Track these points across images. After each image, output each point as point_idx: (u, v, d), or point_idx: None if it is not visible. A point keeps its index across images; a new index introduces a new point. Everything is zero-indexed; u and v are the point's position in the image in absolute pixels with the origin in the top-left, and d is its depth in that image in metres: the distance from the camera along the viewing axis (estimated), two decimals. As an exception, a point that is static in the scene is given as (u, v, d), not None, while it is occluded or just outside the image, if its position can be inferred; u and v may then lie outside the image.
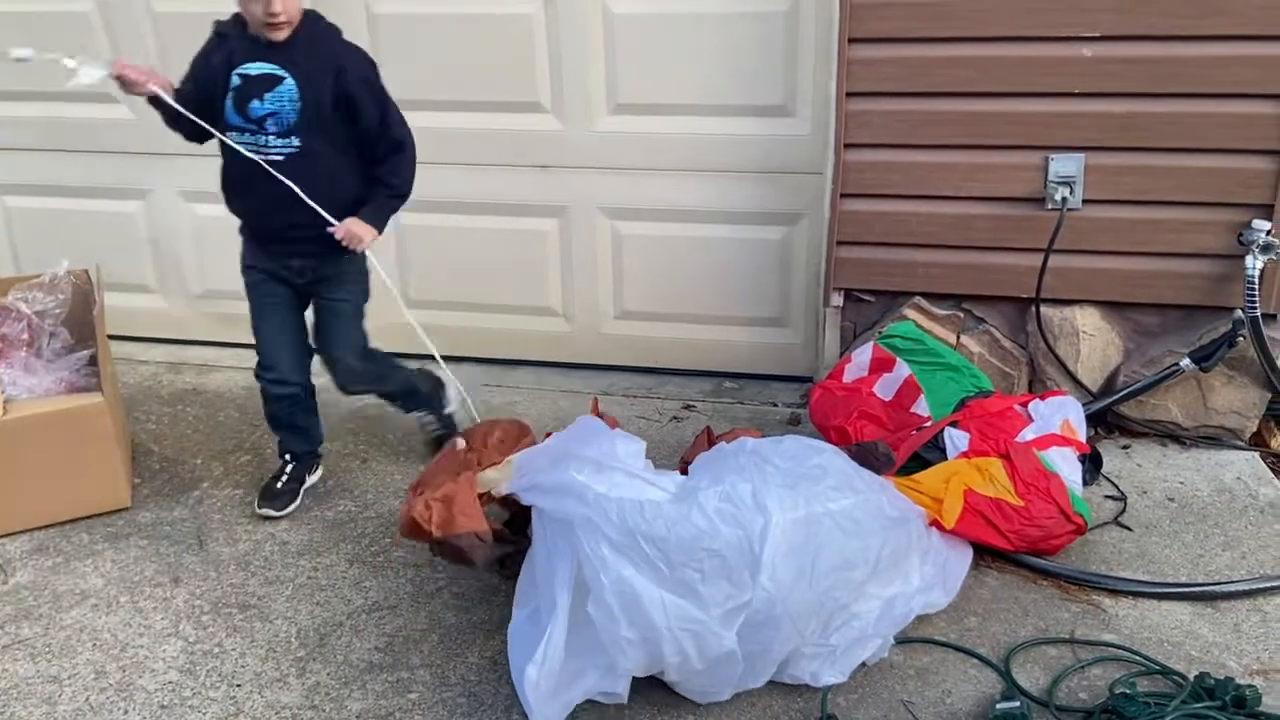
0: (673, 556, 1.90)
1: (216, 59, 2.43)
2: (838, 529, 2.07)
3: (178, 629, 2.27)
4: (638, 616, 1.87)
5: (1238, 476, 2.82)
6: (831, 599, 2.07)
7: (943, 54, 2.76)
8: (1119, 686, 2.03)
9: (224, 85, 2.42)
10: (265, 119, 2.42)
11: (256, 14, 2.32)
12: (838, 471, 2.17)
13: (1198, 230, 2.78)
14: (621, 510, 1.93)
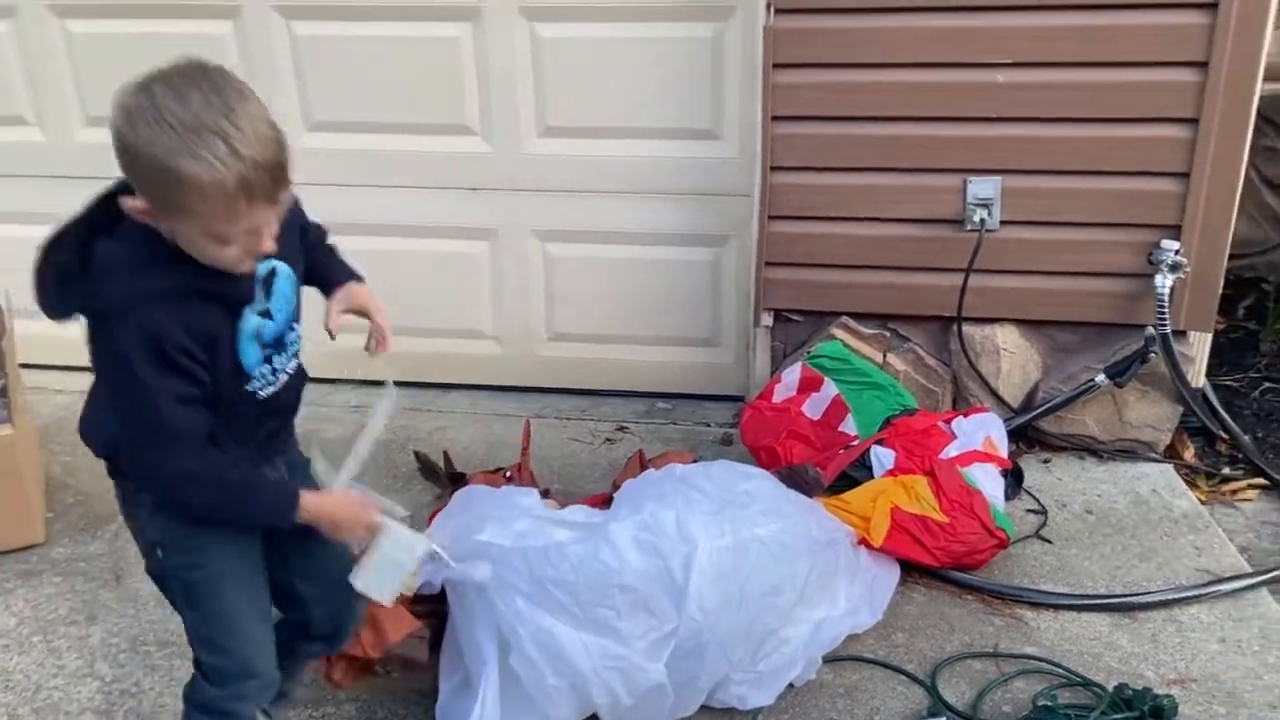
0: (584, 597, 1.89)
1: (204, 324, 1.48)
2: (766, 554, 2.08)
3: (93, 669, 2.20)
4: (561, 663, 1.86)
5: (1153, 489, 2.91)
6: (760, 625, 2.08)
7: (863, 79, 2.81)
8: (1041, 699, 2.07)
9: (231, 342, 1.53)
10: (283, 330, 1.67)
11: (233, 256, 1.42)
12: (765, 496, 2.18)
13: (1110, 250, 2.87)
14: (527, 559, 1.92)
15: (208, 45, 3.21)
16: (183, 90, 1.31)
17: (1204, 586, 2.43)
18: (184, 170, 1.28)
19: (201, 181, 1.29)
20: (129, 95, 1.32)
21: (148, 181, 1.33)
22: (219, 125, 1.29)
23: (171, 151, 1.27)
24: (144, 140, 1.29)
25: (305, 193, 3.38)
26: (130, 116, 1.30)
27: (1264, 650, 2.24)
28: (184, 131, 1.28)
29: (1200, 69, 2.63)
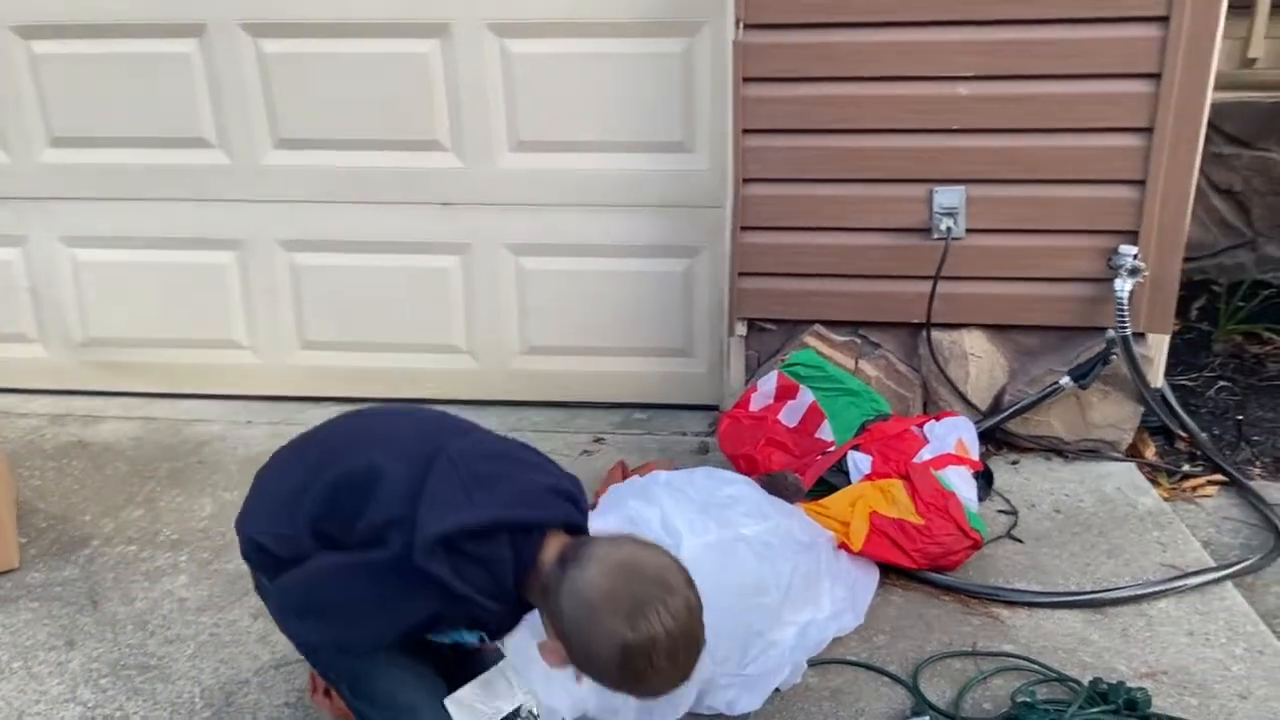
0: None
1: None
2: (751, 553, 2.12)
3: (75, 694, 2.17)
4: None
5: (1117, 487, 2.99)
6: (744, 625, 2.11)
7: (831, 93, 2.87)
8: (1019, 695, 2.12)
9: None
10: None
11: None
12: (748, 499, 2.22)
13: (1071, 256, 2.95)
14: None
15: (173, 64, 3.21)
16: (675, 659, 1.39)
17: (1171, 581, 2.50)
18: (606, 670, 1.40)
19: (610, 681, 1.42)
20: (645, 629, 1.35)
21: (596, 662, 1.40)
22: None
23: (621, 659, 1.37)
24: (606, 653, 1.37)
25: (275, 210, 3.45)
26: (634, 652, 1.35)
27: (1231, 642, 2.32)
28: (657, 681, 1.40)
29: (1153, 80, 2.72)
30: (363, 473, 1.47)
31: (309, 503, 1.50)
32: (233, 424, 3.40)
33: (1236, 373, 3.75)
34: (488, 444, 1.58)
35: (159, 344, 3.52)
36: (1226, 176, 4.19)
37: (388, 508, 1.42)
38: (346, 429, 1.68)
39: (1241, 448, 3.29)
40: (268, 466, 1.71)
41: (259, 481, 1.69)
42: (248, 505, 1.66)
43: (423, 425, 1.64)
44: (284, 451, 1.72)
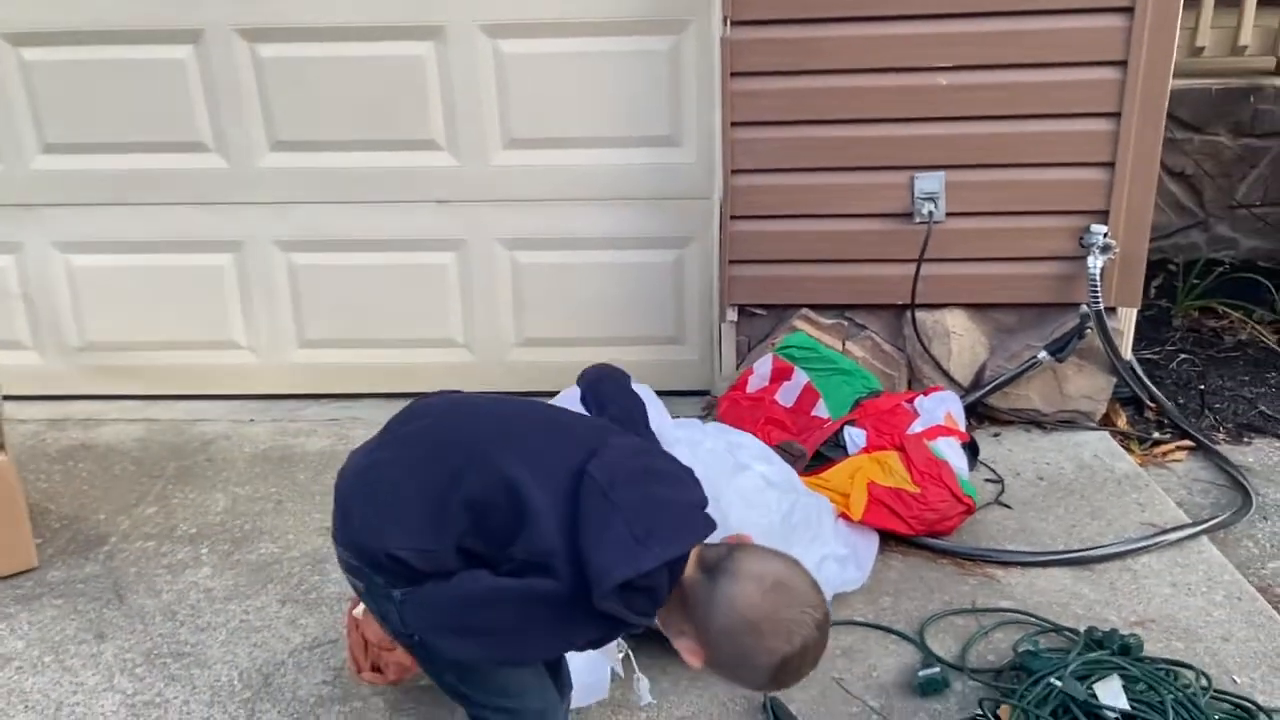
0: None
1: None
2: (760, 480, 2.26)
3: (112, 683, 2.22)
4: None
5: (1095, 454, 3.15)
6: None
7: (816, 85, 3.00)
8: (1022, 645, 2.26)
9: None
10: None
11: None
12: (754, 445, 2.36)
13: (1045, 236, 3.11)
14: None
15: (169, 70, 3.25)
16: (815, 661, 1.48)
17: (1152, 538, 2.66)
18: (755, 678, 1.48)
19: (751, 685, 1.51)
20: (800, 643, 1.43)
21: (746, 670, 1.46)
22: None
23: (775, 669, 1.44)
24: (764, 664, 1.43)
25: (272, 212, 3.50)
26: (789, 663, 1.43)
27: (1211, 590, 2.48)
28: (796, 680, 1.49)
29: (1120, 67, 2.89)
30: (503, 493, 1.47)
31: (451, 520, 1.49)
32: (236, 423, 3.44)
33: (1196, 346, 3.96)
34: (625, 459, 1.55)
35: (157, 346, 3.55)
36: (1179, 160, 4.40)
37: (545, 539, 1.44)
38: (454, 429, 1.63)
39: (1205, 415, 3.48)
40: (366, 471, 1.61)
41: (365, 487, 1.58)
42: (364, 515, 1.56)
43: (539, 425, 1.62)
44: (382, 454, 1.62)
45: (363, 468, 1.61)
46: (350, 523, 1.58)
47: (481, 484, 1.49)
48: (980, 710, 2.06)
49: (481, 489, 1.49)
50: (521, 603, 1.46)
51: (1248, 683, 2.15)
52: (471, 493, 1.49)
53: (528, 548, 1.45)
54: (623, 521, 1.43)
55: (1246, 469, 3.10)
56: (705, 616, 1.44)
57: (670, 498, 1.53)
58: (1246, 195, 4.45)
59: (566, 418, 1.67)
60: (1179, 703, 1.94)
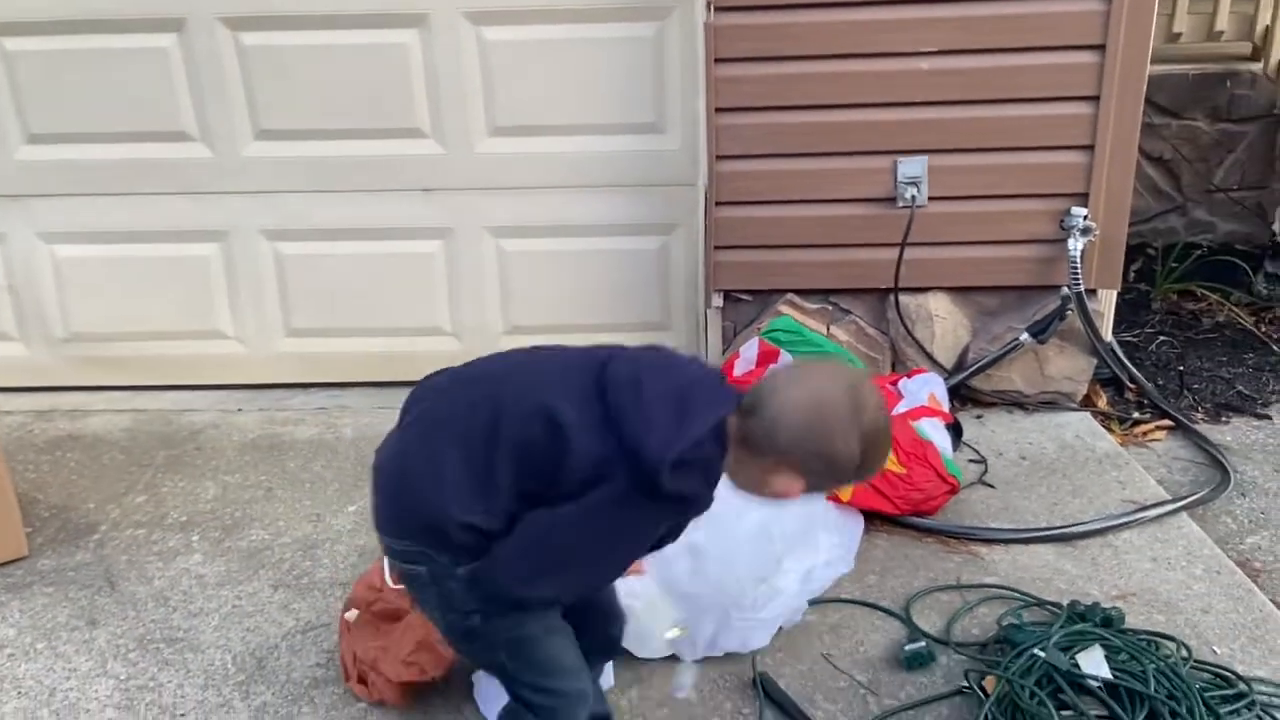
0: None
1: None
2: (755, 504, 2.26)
3: (105, 668, 2.23)
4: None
5: (1076, 434, 3.20)
6: (753, 570, 2.25)
7: (799, 71, 3.03)
8: (1006, 619, 2.30)
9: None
10: None
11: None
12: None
13: (1026, 219, 3.15)
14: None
15: (152, 59, 3.24)
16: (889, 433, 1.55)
17: (1132, 514, 2.70)
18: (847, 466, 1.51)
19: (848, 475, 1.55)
20: (871, 419, 1.49)
21: (838, 464, 1.50)
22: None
23: (862, 443, 1.49)
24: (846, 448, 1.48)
25: (257, 201, 3.50)
26: (871, 439, 1.49)
27: (1190, 564, 2.52)
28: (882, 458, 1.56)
29: (1099, 51, 2.93)
30: (539, 424, 1.48)
31: (503, 471, 1.50)
32: (223, 412, 3.44)
33: (1175, 328, 4.01)
34: (641, 354, 1.59)
35: (144, 337, 3.55)
36: (1157, 145, 4.45)
37: (591, 449, 1.46)
38: (470, 390, 1.62)
39: (1184, 395, 3.53)
40: (406, 456, 1.60)
41: (413, 471, 1.57)
42: (422, 496, 1.54)
43: (545, 359, 1.66)
44: (413, 435, 1.62)
45: (400, 454, 1.61)
46: (405, 510, 1.58)
47: (517, 426, 1.51)
48: (966, 682, 2.09)
49: (519, 430, 1.51)
50: (591, 518, 1.48)
51: (1227, 653, 2.20)
52: (511, 437, 1.51)
53: (578, 465, 1.47)
54: (658, 405, 1.46)
55: (1225, 447, 3.16)
56: (774, 442, 1.48)
57: (695, 376, 1.57)
58: (1224, 179, 4.51)
59: (569, 349, 1.69)
60: (1161, 672, 1.98)
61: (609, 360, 1.55)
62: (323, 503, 2.88)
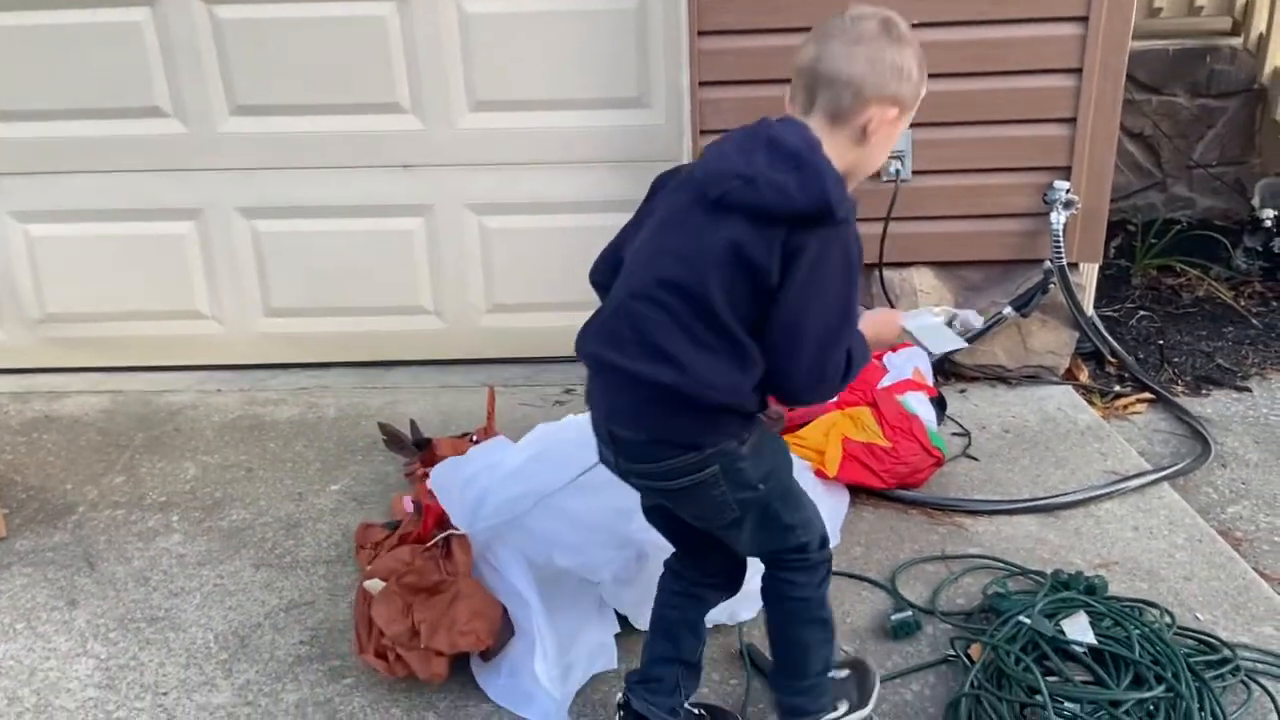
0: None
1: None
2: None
3: (86, 648, 2.20)
4: (593, 531, 2.07)
5: (1058, 407, 3.21)
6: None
7: (783, 44, 2.96)
8: (991, 588, 2.31)
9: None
10: None
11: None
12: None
13: (1009, 193, 3.15)
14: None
15: (124, 33, 3.18)
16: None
17: (1113, 485, 2.72)
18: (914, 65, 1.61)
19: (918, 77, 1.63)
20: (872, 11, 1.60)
21: (889, 76, 1.58)
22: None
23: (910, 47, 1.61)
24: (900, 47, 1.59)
25: (233, 178, 3.45)
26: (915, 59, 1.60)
27: (1172, 533, 2.54)
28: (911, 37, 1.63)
29: (1081, 23, 2.93)
30: (726, 253, 1.51)
31: (738, 329, 1.53)
32: (202, 393, 3.41)
33: (1155, 303, 4.04)
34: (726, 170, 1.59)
35: (121, 318, 3.50)
36: (1137, 121, 4.47)
37: (765, 255, 1.49)
38: (646, 262, 1.61)
39: (1164, 369, 3.55)
40: (634, 378, 1.56)
41: (675, 377, 1.54)
42: (689, 387, 1.54)
43: (673, 224, 1.62)
44: (626, 340, 1.58)
45: (617, 364, 1.58)
46: (667, 415, 1.57)
47: (716, 283, 1.52)
48: (952, 650, 2.10)
49: (722, 282, 1.51)
50: (815, 283, 1.51)
51: (1210, 620, 2.21)
52: (721, 294, 1.51)
53: (775, 260, 1.49)
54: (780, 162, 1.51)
55: (1205, 419, 3.18)
56: (859, 94, 1.57)
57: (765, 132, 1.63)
58: (1203, 155, 4.53)
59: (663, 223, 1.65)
60: (1145, 638, 1.99)
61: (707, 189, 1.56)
62: (305, 482, 2.86)
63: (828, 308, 1.53)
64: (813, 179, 1.48)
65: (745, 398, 1.58)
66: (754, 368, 1.55)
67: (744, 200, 1.50)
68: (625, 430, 1.62)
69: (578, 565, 2.11)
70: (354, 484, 2.83)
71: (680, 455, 1.58)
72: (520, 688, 1.99)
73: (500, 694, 2.01)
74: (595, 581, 2.16)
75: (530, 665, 1.98)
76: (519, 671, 2.00)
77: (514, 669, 2.02)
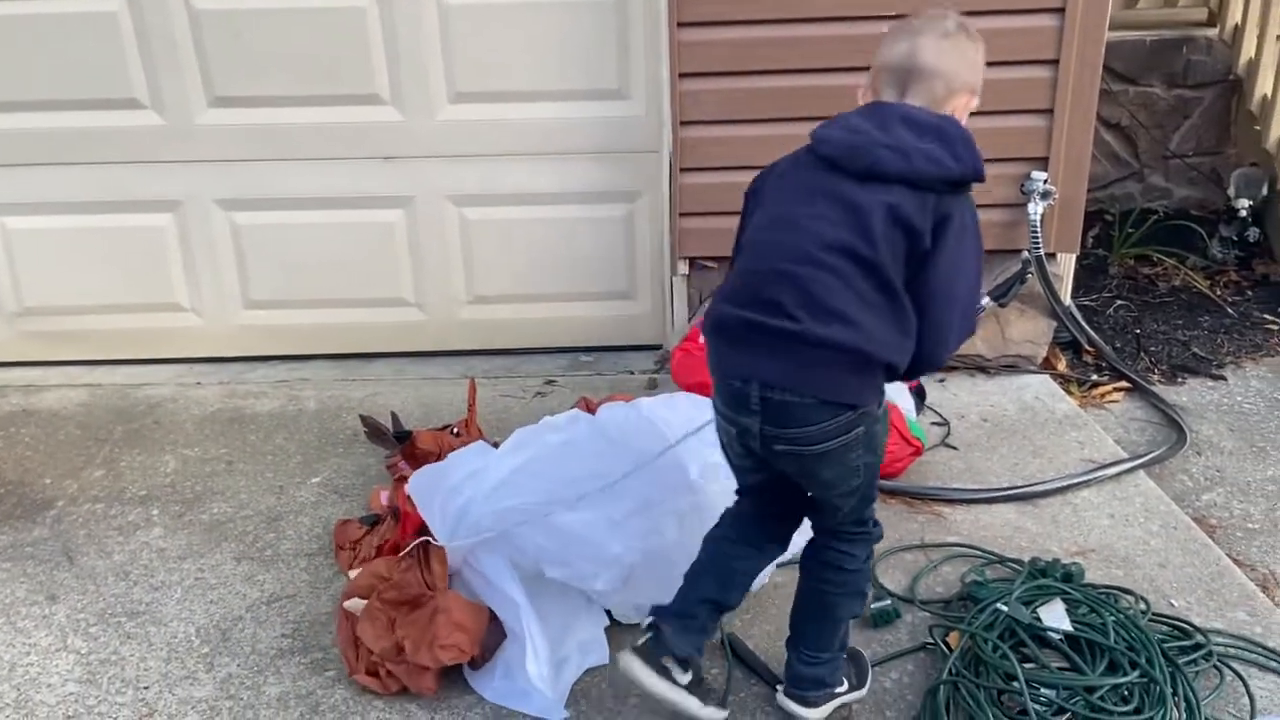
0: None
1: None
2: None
3: (66, 643, 2.20)
4: (582, 545, 2.05)
5: (1036, 396, 3.24)
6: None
7: (763, 35, 3.01)
8: (969, 577, 2.33)
9: None
10: None
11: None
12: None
13: (987, 183, 3.14)
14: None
15: (101, 24, 3.16)
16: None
17: (1090, 473, 2.75)
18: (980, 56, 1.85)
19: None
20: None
21: (970, 69, 1.81)
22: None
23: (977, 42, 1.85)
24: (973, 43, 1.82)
25: (212, 170, 3.43)
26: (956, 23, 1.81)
27: (1148, 520, 2.57)
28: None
29: (1058, 15, 2.95)
30: (898, 226, 1.62)
31: (899, 285, 1.64)
32: (182, 386, 3.39)
33: (1131, 292, 4.07)
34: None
35: (98, 310, 3.48)
36: (1114, 112, 4.50)
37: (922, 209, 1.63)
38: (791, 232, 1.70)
39: (1141, 358, 3.59)
40: (796, 332, 1.63)
41: (848, 336, 1.63)
42: (857, 344, 1.62)
43: (819, 205, 1.70)
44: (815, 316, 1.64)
45: (780, 328, 1.63)
46: (836, 375, 1.64)
47: (882, 239, 1.62)
48: (930, 637, 2.13)
49: (886, 241, 1.62)
50: (961, 248, 1.67)
51: (1184, 606, 2.25)
52: (885, 240, 1.62)
53: (929, 220, 1.62)
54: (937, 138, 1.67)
55: (1181, 407, 3.22)
56: (950, 87, 1.78)
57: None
58: (1179, 145, 4.57)
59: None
60: (1120, 624, 2.02)
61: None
62: (285, 475, 2.85)
63: (972, 269, 1.72)
64: (964, 148, 1.67)
65: (904, 356, 1.68)
66: (911, 326, 1.66)
67: (898, 169, 1.62)
68: (785, 394, 1.65)
69: (567, 576, 2.10)
70: (335, 476, 2.83)
71: (837, 415, 1.65)
72: (516, 687, 2.00)
73: (497, 695, 2.01)
74: (587, 589, 2.14)
75: (522, 665, 1.98)
76: (514, 673, 2.01)
77: (508, 670, 2.02)
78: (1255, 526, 2.68)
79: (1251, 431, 3.13)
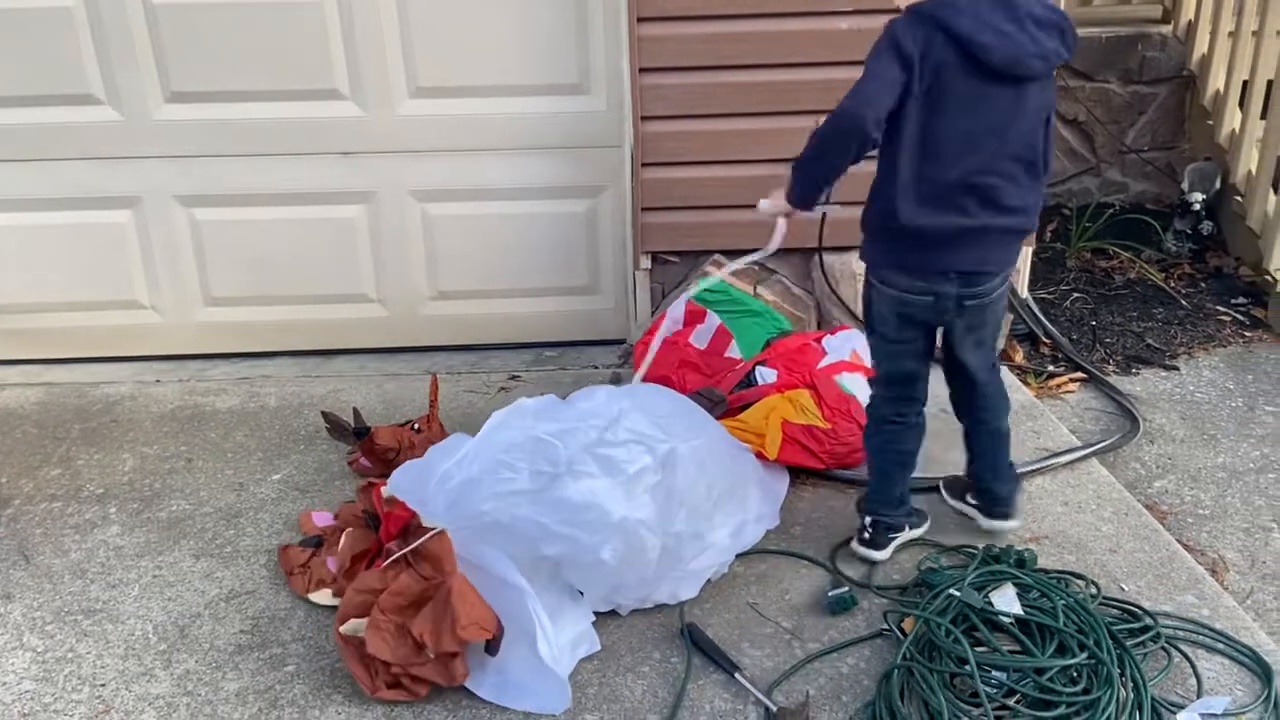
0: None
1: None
2: (693, 463, 2.29)
3: (22, 641, 2.18)
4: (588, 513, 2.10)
5: (994, 388, 3.28)
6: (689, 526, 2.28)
7: (723, 30, 3.03)
8: (925, 563, 2.36)
9: None
10: None
11: None
12: (688, 413, 2.40)
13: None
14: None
15: (55, 19, 3.12)
16: None
17: (1044, 461, 2.80)
18: None
19: None
20: None
21: None
22: None
23: None
24: None
25: (170, 166, 3.41)
26: None
27: (1100, 507, 2.62)
28: None
29: (1012, 11, 2.98)
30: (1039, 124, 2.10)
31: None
32: (141, 384, 3.36)
33: (1088, 285, 4.13)
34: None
35: (56, 308, 3.44)
36: (1072, 108, 4.57)
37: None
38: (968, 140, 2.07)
39: (1096, 349, 3.65)
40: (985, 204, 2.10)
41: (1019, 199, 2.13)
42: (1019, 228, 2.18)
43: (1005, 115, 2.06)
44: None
45: (970, 226, 2.11)
46: (1006, 249, 2.20)
47: (1037, 138, 2.10)
48: (885, 624, 2.16)
49: (1039, 135, 2.11)
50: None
51: (1135, 590, 2.29)
52: (1042, 138, 2.12)
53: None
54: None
55: (1134, 397, 3.27)
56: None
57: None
58: (1135, 140, 4.64)
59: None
60: (1070, 608, 2.06)
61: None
62: (246, 472, 2.84)
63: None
64: (1074, 38, 2.02)
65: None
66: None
67: (1044, 73, 2.02)
68: (977, 267, 2.17)
69: (568, 550, 2.10)
70: (296, 473, 2.82)
71: (1002, 274, 2.22)
72: (512, 682, 1.98)
73: (494, 694, 1.99)
74: (588, 562, 2.13)
75: (519, 657, 1.97)
76: (507, 667, 1.99)
77: (501, 666, 2.00)
78: (1205, 513, 2.74)
79: (1203, 420, 3.20)
